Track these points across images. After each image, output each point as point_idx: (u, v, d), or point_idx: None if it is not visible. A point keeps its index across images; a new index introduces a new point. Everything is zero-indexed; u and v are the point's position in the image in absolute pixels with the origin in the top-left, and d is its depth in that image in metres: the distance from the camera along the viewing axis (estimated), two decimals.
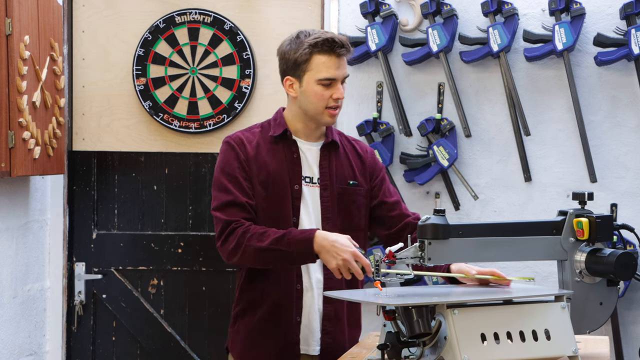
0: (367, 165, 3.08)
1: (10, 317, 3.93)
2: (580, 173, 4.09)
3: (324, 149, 3.01)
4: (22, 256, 4.04)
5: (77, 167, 4.36)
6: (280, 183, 2.93)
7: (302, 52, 2.88)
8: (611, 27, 4.04)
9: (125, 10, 4.33)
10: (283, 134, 2.97)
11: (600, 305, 2.80)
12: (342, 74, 2.91)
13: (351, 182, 3.01)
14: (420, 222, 2.65)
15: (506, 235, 2.75)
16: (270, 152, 2.96)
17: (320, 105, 2.91)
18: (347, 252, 2.75)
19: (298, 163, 2.96)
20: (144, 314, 4.36)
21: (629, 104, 4.07)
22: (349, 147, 3.09)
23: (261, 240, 2.83)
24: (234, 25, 4.27)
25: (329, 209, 2.97)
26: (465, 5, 4.16)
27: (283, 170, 2.94)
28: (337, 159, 3.02)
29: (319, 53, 2.88)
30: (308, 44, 2.88)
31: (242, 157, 2.93)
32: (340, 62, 2.90)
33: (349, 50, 2.92)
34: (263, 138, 2.98)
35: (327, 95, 2.90)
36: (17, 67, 3.62)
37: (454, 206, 4.17)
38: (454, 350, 2.40)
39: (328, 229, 2.94)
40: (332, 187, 2.98)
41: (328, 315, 2.98)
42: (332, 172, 2.99)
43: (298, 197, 2.94)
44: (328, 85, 2.90)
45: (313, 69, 2.89)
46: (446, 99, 4.18)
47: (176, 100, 4.29)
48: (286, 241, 2.81)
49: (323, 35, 2.89)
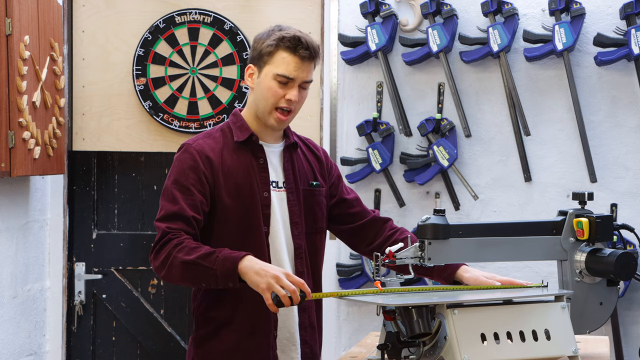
0: (324, 164, 2.97)
1: (10, 317, 3.93)
2: (580, 173, 4.09)
3: (286, 150, 2.87)
4: (22, 256, 4.04)
5: (77, 167, 4.36)
6: (249, 192, 2.78)
7: (268, 44, 2.76)
8: (611, 27, 4.04)
9: (125, 10, 4.33)
10: (248, 138, 2.81)
11: (600, 305, 2.80)
12: (302, 77, 2.76)
13: (314, 183, 2.90)
14: (420, 222, 2.65)
15: (506, 235, 2.75)
16: (235, 160, 2.80)
17: (270, 103, 2.76)
18: (278, 270, 2.58)
19: (265, 168, 2.81)
20: (144, 314, 4.36)
21: (629, 104, 4.07)
22: (304, 146, 2.96)
23: (189, 253, 2.65)
24: (234, 25, 4.27)
25: (296, 212, 2.85)
26: (465, 5, 4.16)
27: (251, 178, 2.79)
28: (298, 160, 2.89)
29: (282, 48, 2.75)
30: (276, 37, 2.76)
31: (202, 170, 2.74)
32: (302, 64, 2.75)
33: (313, 56, 2.77)
34: (226, 144, 2.81)
35: (280, 93, 2.75)
36: (17, 67, 3.62)
37: (454, 206, 4.17)
38: (454, 350, 2.40)
39: (297, 233, 2.84)
40: (297, 190, 2.86)
41: (303, 325, 2.87)
42: (295, 174, 2.87)
43: (267, 204, 2.80)
44: (284, 84, 2.75)
45: (273, 62, 2.76)
46: (446, 99, 4.18)
47: (176, 100, 4.29)
48: (213, 258, 2.62)
49: (293, 33, 2.77)
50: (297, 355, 2.87)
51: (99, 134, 4.35)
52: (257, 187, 2.79)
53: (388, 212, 4.20)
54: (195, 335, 2.84)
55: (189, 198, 2.71)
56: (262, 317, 2.78)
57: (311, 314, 2.89)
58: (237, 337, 2.79)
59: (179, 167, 2.76)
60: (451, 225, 2.66)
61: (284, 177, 2.85)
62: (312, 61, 2.78)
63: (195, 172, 2.74)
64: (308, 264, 2.87)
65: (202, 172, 2.74)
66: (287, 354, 2.86)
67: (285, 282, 2.53)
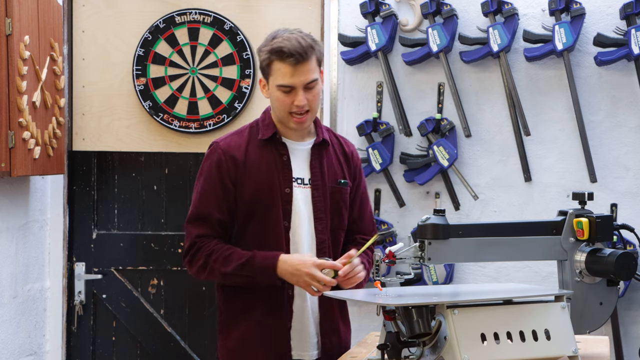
0: (352, 167, 3.07)
1: (10, 317, 3.93)
2: (580, 173, 4.10)
3: (315, 148, 2.98)
4: (22, 256, 4.04)
5: (77, 167, 4.36)
6: (270, 188, 2.90)
7: (263, 57, 2.88)
8: (611, 27, 4.04)
9: (125, 10, 4.33)
10: (272, 136, 2.94)
11: (600, 305, 2.81)
12: (301, 81, 2.84)
13: (342, 181, 3.00)
14: (420, 222, 2.65)
15: (506, 235, 2.75)
16: (259, 156, 2.93)
17: (284, 110, 2.88)
18: (307, 266, 2.79)
19: (288, 166, 2.93)
20: (144, 314, 4.36)
21: (629, 104, 4.07)
22: (337, 144, 3.06)
23: (225, 264, 2.85)
24: (234, 25, 4.27)
25: (320, 209, 2.95)
26: (465, 5, 4.16)
27: (273, 175, 2.91)
28: (327, 158, 2.99)
29: (276, 60, 2.85)
30: (267, 49, 2.86)
31: (225, 170, 2.90)
32: (294, 69, 2.82)
33: (302, 59, 2.82)
34: (252, 141, 2.95)
35: (288, 101, 2.86)
36: (17, 67, 3.62)
37: (454, 206, 4.17)
38: (454, 350, 2.41)
39: (321, 229, 2.94)
40: (323, 187, 2.96)
41: (323, 317, 2.97)
42: (323, 172, 2.97)
43: (289, 200, 2.91)
44: (288, 92, 2.85)
45: (273, 74, 2.87)
46: (446, 99, 4.18)
47: (176, 100, 4.29)
48: (249, 267, 2.84)
49: (280, 44, 2.83)
50: (312, 347, 2.95)
51: (99, 134, 4.35)
52: (278, 184, 2.91)
53: (388, 212, 4.20)
54: (218, 321, 3.01)
55: (214, 200, 2.90)
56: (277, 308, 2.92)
57: (332, 307, 2.98)
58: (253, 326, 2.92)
59: (207, 167, 2.94)
60: (451, 225, 2.66)
61: (311, 174, 2.95)
62: (305, 62, 2.83)
63: (220, 172, 2.90)
64: (332, 258, 2.94)
65: (226, 172, 2.90)
66: (301, 347, 2.94)
67: (319, 277, 2.79)
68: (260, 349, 2.92)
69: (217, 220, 2.90)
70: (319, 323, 2.96)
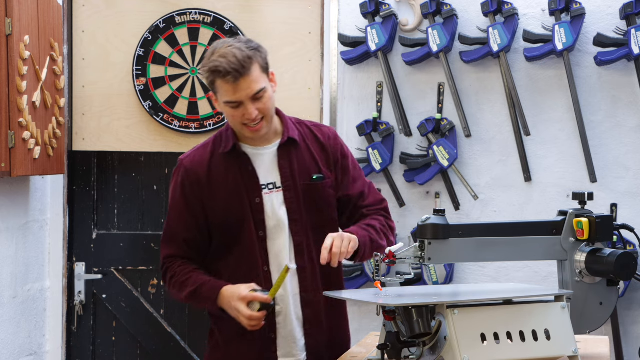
0: (330, 152, 2.96)
1: (10, 317, 3.93)
2: (580, 173, 4.09)
3: (282, 149, 2.90)
4: (22, 256, 4.04)
5: (77, 167, 4.36)
6: (239, 201, 2.85)
7: (206, 77, 2.80)
8: (611, 27, 4.04)
9: (125, 10, 4.33)
10: (233, 148, 2.87)
11: (600, 305, 2.81)
12: (246, 95, 2.75)
13: (315, 177, 2.91)
14: (420, 222, 2.65)
15: (506, 235, 2.75)
16: (224, 170, 2.87)
17: (237, 123, 2.81)
18: (234, 299, 2.76)
19: (254, 175, 2.87)
20: (144, 314, 4.36)
21: (629, 104, 4.07)
22: (309, 136, 2.96)
23: (181, 290, 2.89)
24: (234, 25, 4.27)
25: (294, 210, 2.88)
26: (465, 5, 4.16)
27: (240, 187, 2.86)
28: (297, 155, 2.91)
29: (216, 79, 2.76)
30: (206, 69, 2.77)
31: (189, 190, 2.88)
32: (236, 86, 2.74)
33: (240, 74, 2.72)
34: (215, 155, 2.89)
35: (238, 114, 2.78)
36: (17, 67, 3.62)
37: (454, 206, 4.17)
38: (454, 350, 2.40)
39: (297, 230, 2.87)
40: (295, 187, 2.88)
41: (308, 319, 2.91)
42: (293, 171, 2.89)
43: (260, 209, 2.86)
44: (236, 107, 2.77)
45: (217, 92, 2.79)
46: (446, 99, 4.18)
47: (176, 100, 4.29)
48: (197, 296, 2.86)
49: (215, 61, 2.74)
50: (299, 350, 2.91)
51: (99, 134, 4.35)
52: (247, 196, 2.86)
53: None
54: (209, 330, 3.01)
55: (181, 220, 2.90)
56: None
57: (317, 308, 2.92)
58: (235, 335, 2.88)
59: (173, 186, 2.94)
60: (451, 225, 2.66)
61: (280, 175, 2.88)
62: (245, 76, 2.73)
63: (184, 192, 2.89)
64: (313, 258, 2.89)
65: (189, 191, 2.89)
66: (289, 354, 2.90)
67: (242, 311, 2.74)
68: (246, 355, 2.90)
69: (184, 240, 2.89)
70: (303, 325, 2.92)
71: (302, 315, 2.91)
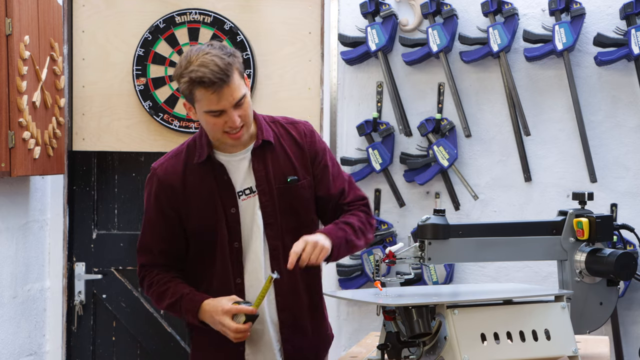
0: (307, 150, 2.88)
1: (10, 317, 3.93)
2: (580, 173, 4.09)
3: (255, 153, 2.82)
4: (22, 256, 4.04)
5: (77, 167, 4.36)
6: (213, 212, 2.79)
7: (183, 87, 2.69)
8: (611, 27, 4.04)
9: (125, 10, 4.33)
10: (207, 158, 2.80)
11: (600, 305, 2.81)
12: (229, 103, 2.66)
13: (289, 179, 2.83)
14: (420, 222, 2.65)
15: (506, 235, 2.75)
16: (199, 180, 2.80)
17: (217, 132, 2.72)
18: (218, 313, 2.72)
19: (230, 185, 2.80)
20: (144, 314, 4.36)
21: (629, 104, 4.07)
22: (285, 136, 2.88)
23: (160, 300, 2.85)
24: (234, 25, 4.27)
25: (270, 213, 2.81)
26: (465, 5, 4.16)
27: (215, 198, 2.79)
28: (272, 157, 2.83)
29: (197, 88, 2.65)
30: (186, 80, 2.66)
31: (164, 199, 2.81)
32: (219, 94, 2.64)
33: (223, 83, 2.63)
34: (189, 164, 2.82)
35: (220, 122, 2.69)
36: (17, 67, 3.62)
37: (454, 206, 4.17)
38: (454, 350, 2.40)
39: (272, 234, 2.81)
40: (270, 190, 2.81)
41: (284, 323, 2.85)
42: (268, 174, 2.82)
43: (236, 219, 2.80)
44: (218, 115, 2.68)
45: (197, 101, 2.69)
46: (446, 99, 4.18)
47: (176, 100, 4.29)
48: (177, 308, 2.81)
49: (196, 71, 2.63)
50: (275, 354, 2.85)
51: (99, 134, 4.35)
52: (222, 206, 2.80)
53: (388, 212, 4.20)
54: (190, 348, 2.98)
55: (155, 231, 2.87)
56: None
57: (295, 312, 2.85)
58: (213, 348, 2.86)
59: (147, 196, 2.88)
60: (451, 225, 2.66)
61: (255, 179, 2.81)
62: (229, 85, 2.65)
63: (158, 202, 2.84)
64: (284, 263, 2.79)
65: (165, 201, 2.83)
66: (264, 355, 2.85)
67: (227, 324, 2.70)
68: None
69: (159, 250, 2.86)
70: (278, 330, 2.85)
71: (277, 320, 2.84)
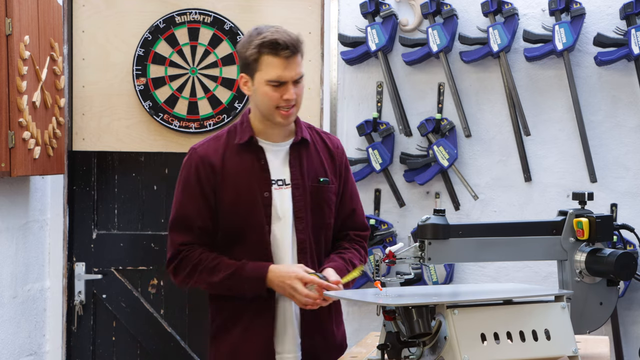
0: (337, 163, 3.03)
1: (10, 317, 3.93)
2: (580, 173, 4.10)
3: (293, 148, 2.94)
4: (22, 256, 4.04)
5: (77, 167, 4.36)
6: (250, 193, 2.88)
7: (251, 52, 2.82)
8: (611, 27, 4.04)
9: (125, 10, 4.33)
10: (249, 140, 2.91)
11: (600, 305, 2.81)
12: (291, 76, 2.81)
13: (322, 180, 2.96)
14: (420, 222, 2.65)
15: (506, 235, 2.75)
16: (237, 162, 2.90)
17: (271, 105, 2.84)
18: (291, 278, 2.79)
19: (266, 169, 2.90)
20: (144, 314, 4.36)
21: (629, 104, 4.07)
22: (319, 142, 3.01)
23: (213, 274, 2.86)
24: (234, 25, 4.27)
25: (301, 208, 2.91)
26: (465, 5, 4.16)
27: (252, 179, 2.89)
28: (307, 157, 2.96)
29: (266, 54, 2.80)
30: (256, 43, 2.81)
31: (204, 178, 2.88)
32: (287, 63, 2.80)
33: (295, 51, 2.81)
34: (229, 146, 2.92)
35: (276, 95, 2.82)
36: (17, 67, 3.62)
37: (454, 206, 4.17)
38: (454, 350, 2.40)
39: (301, 228, 2.91)
40: (303, 186, 2.92)
41: (305, 318, 2.93)
42: (303, 171, 2.93)
43: (268, 203, 2.89)
44: (277, 86, 2.82)
45: (262, 69, 2.82)
46: (446, 99, 4.18)
47: (176, 100, 4.29)
48: (237, 277, 2.84)
49: (270, 36, 2.80)
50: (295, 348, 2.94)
51: (99, 134, 4.35)
52: (258, 188, 2.88)
53: (388, 212, 4.20)
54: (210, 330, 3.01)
55: (195, 207, 2.89)
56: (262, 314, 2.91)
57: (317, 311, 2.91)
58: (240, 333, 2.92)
59: (185, 173, 2.92)
60: (451, 225, 2.66)
61: (290, 173, 2.92)
62: (296, 56, 2.81)
63: (199, 180, 2.88)
64: (314, 257, 2.93)
65: (205, 179, 2.88)
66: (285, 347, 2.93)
67: (300, 290, 2.77)
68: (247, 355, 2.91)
69: (199, 228, 2.89)
70: (300, 324, 2.93)
71: (300, 315, 2.93)
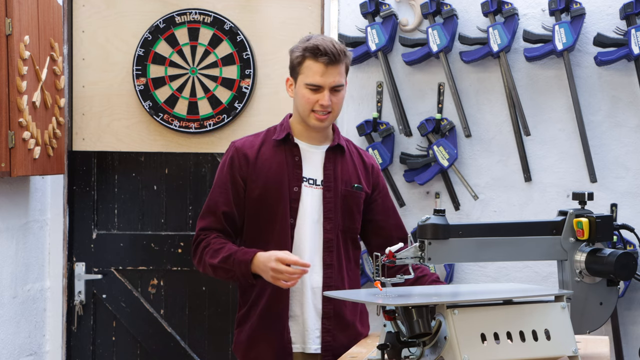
0: (371, 175, 3.18)
1: (10, 317, 3.93)
2: (580, 173, 4.10)
3: (330, 152, 3.10)
4: (22, 256, 4.04)
5: (77, 167, 4.36)
6: (278, 185, 3.03)
7: (296, 55, 3.02)
8: (611, 27, 4.04)
9: (125, 10, 4.33)
10: (286, 137, 3.08)
11: (600, 305, 2.81)
12: (329, 82, 2.99)
13: (355, 185, 3.11)
14: (420, 222, 2.66)
15: (506, 235, 2.75)
16: (272, 155, 3.07)
17: (307, 108, 3.02)
18: (271, 260, 2.88)
19: (299, 165, 3.06)
20: (144, 314, 4.36)
21: (629, 104, 4.07)
22: (355, 154, 3.20)
23: (214, 256, 3.00)
24: (234, 25, 4.27)
25: (331, 209, 3.05)
26: (465, 5, 4.16)
27: (282, 173, 3.04)
28: (342, 162, 3.11)
29: (307, 58, 2.99)
30: (302, 47, 3.01)
31: (237, 166, 3.06)
32: (327, 70, 2.99)
33: (335, 60, 2.98)
34: (267, 141, 3.10)
35: (313, 99, 3.00)
36: (17, 67, 3.62)
37: (454, 206, 4.17)
38: (454, 350, 2.41)
39: (329, 228, 3.04)
40: (336, 189, 3.07)
41: (327, 314, 3.03)
42: (336, 175, 3.08)
43: (296, 198, 3.04)
44: (315, 90, 3.00)
45: (303, 72, 3.01)
46: (446, 99, 4.18)
47: (176, 100, 4.29)
48: (230, 261, 2.97)
49: (314, 42, 2.99)
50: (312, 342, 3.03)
51: (99, 134, 4.35)
52: (287, 182, 3.04)
53: None
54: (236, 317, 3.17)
55: (223, 194, 3.06)
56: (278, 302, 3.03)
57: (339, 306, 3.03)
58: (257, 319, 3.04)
59: (221, 164, 3.13)
60: (451, 225, 2.67)
61: (324, 175, 3.07)
62: (336, 65, 2.99)
63: (231, 168, 3.07)
64: (340, 257, 3.05)
65: (237, 167, 3.07)
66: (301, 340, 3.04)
67: (281, 269, 2.86)
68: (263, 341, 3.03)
69: (223, 212, 3.04)
70: (321, 319, 3.04)
71: (321, 310, 3.03)
